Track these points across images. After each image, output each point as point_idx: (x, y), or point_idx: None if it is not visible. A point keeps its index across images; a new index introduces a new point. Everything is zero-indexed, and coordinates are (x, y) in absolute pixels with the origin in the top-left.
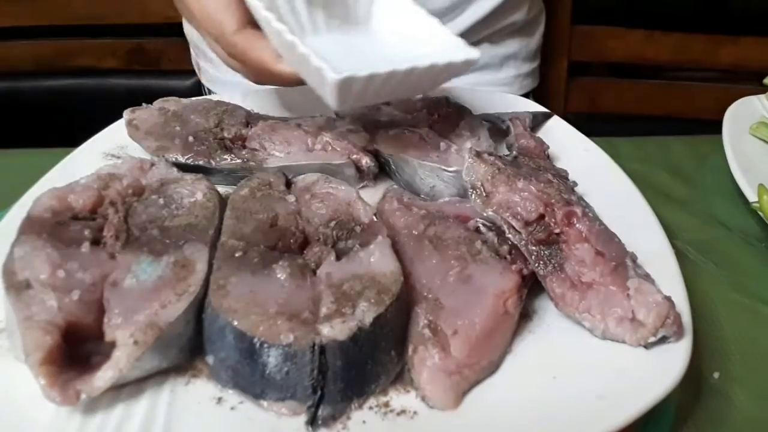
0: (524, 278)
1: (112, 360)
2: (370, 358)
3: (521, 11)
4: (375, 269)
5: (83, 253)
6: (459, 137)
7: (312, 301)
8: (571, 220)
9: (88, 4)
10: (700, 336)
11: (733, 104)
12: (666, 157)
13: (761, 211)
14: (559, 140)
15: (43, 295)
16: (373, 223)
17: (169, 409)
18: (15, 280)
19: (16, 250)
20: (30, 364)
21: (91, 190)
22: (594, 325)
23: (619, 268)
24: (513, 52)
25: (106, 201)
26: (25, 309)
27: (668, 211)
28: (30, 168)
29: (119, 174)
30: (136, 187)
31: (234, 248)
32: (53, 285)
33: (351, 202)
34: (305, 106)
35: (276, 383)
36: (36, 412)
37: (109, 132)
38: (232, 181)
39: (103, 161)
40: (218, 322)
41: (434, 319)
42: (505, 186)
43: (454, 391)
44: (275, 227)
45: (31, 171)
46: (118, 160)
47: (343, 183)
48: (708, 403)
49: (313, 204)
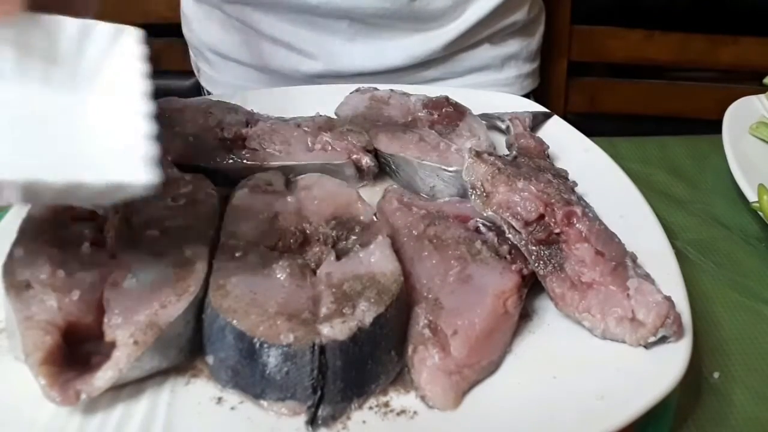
0: (524, 278)
1: (112, 360)
2: (370, 358)
3: (522, 11)
4: (375, 269)
5: (83, 253)
6: (459, 137)
7: (312, 301)
8: (571, 220)
9: None
10: (700, 336)
11: (733, 104)
12: (666, 157)
13: (761, 211)
14: (559, 140)
15: (43, 295)
16: (373, 223)
17: (169, 409)
18: (15, 280)
19: (16, 250)
20: (30, 364)
21: None
22: (594, 325)
23: (619, 268)
24: (514, 53)
25: None
26: (25, 309)
27: (668, 211)
28: None
29: None
30: None
31: (234, 248)
32: (53, 285)
33: (351, 202)
34: (305, 106)
35: (276, 383)
36: (36, 412)
37: None
38: (232, 181)
39: None
40: (218, 322)
41: (434, 319)
42: (505, 186)
43: (454, 391)
44: (275, 227)
45: None
46: None
47: (343, 183)
48: (708, 403)
49: (313, 204)
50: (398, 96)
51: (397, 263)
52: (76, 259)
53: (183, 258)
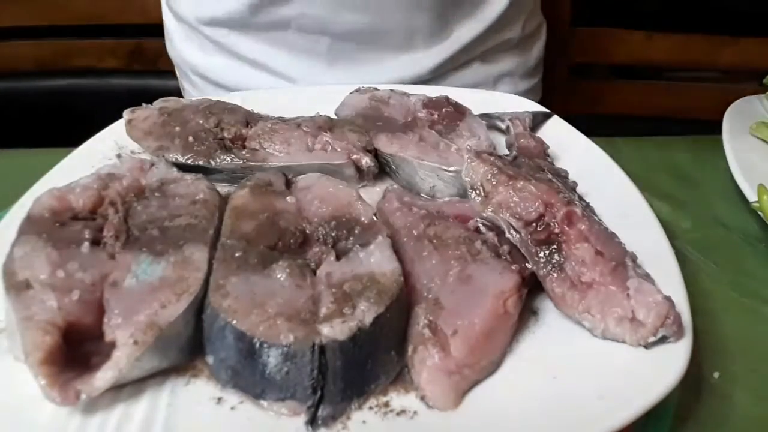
0: (524, 278)
1: (112, 360)
2: (370, 358)
3: (515, 28)
4: (375, 269)
5: (83, 253)
6: (459, 137)
7: (312, 301)
8: (571, 220)
9: (88, 4)
10: (700, 336)
11: (733, 104)
12: (666, 157)
13: (761, 211)
14: (559, 140)
15: (43, 295)
16: (374, 223)
17: (169, 409)
18: (15, 280)
19: (16, 250)
20: (30, 364)
21: (91, 190)
22: (594, 325)
23: (619, 268)
24: (508, 70)
25: (106, 201)
26: (25, 309)
27: (668, 211)
28: (30, 168)
29: (119, 174)
30: (136, 187)
31: (234, 248)
32: (53, 285)
33: (351, 202)
34: (305, 106)
35: (276, 383)
36: (36, 412)
37: (109, 132)
38: (232, 181)
39: (103, 161)
40: (218, 322)
41: (434, 319)
42: (505, 186)
43: (454, 391)
44: (275, 227)
45: (31, 171)
46: (118, 160)
47: (343, 183)
48: (708, 403)
49: (313, 204)
50: (398, 96)
51: (397, 263)
52: (76, 259)
53: (183, 258)
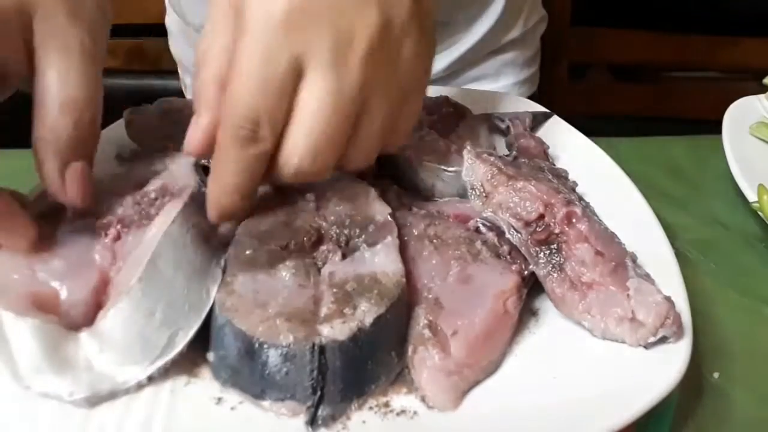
0: (524, 278)
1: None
2: (370, 359)
3: (515, 30)
4: (377, 269)
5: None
6: (459, 137)
7: (313, 301)
8: (571, 220)
9: None
10: (700, 336)
11: (733, 104)
12: (666, 157)
13: (761, 211)
14: (559, 140)
15: None
16: (387, 223)
17: (169, 409)
18: None
19: None
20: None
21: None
22: (594, 325)
23: (619, 268)
24: (510, 60)
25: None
26: None
27: (668, 211)
28: (30, 168)
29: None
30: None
31: (246, 246)
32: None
33: (369, 200)
34: None
35: (276, 383)
36: (36, 412)
37: (109, 132)
38: None
39: (102, 161)
40: (219, 320)
41: (434, 320)
42: (505, 186)
43: (454, 392)
44: (290, 226)
45: (31, 171)
46: (117, 160)
47: (362, 181)
48: (708, 403)
49: (332, 201)
50: None
51: (400, 264)
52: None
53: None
